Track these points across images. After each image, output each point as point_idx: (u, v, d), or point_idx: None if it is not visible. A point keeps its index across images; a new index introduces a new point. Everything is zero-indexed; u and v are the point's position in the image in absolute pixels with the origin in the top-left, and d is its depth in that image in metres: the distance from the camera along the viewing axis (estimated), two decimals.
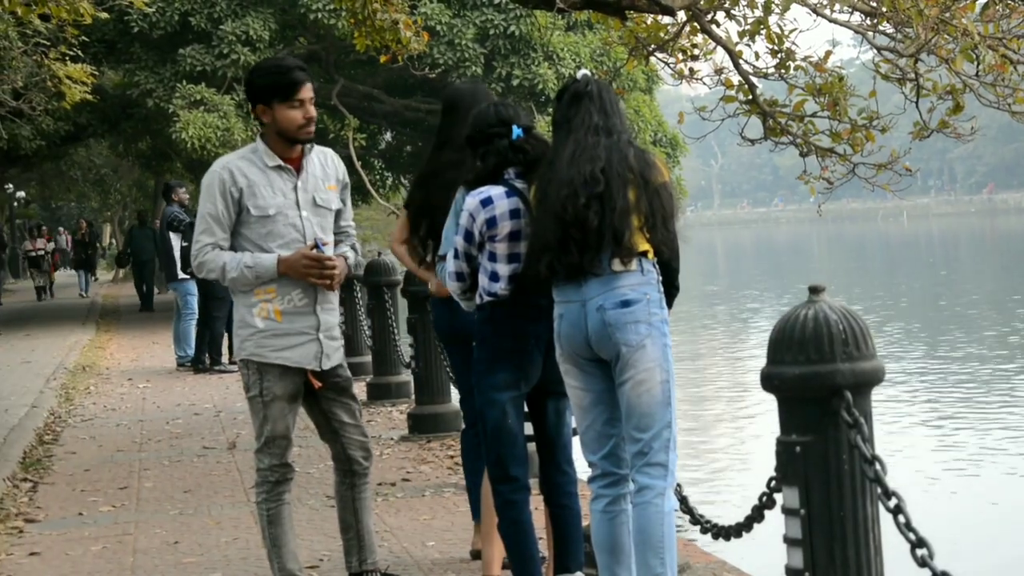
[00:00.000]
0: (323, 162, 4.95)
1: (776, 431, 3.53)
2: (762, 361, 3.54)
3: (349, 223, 5.04)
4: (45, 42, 14.15)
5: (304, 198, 4.85)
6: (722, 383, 17.83)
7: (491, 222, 4.48)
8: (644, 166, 4.24)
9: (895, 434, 12.40)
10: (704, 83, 8.79)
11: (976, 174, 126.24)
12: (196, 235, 4.82)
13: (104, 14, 13.04)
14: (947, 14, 7.00)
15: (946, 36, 7.15)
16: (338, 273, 4.84)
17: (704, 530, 4.44)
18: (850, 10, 7.71)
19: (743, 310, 29.33)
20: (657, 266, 4.27)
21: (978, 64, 7.21)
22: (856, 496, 3.39)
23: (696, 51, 8.48)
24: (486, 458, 4.64)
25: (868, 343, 3.42)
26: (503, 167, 4.57)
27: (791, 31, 7.84)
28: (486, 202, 4.50)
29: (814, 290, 3.50)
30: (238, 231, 4.82)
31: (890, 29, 7.69)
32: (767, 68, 8.06)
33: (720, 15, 7.98)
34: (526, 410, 4.68)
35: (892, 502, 3.26)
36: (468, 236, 4.53)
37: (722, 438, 13.47)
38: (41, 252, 32.65)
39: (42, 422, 10.71)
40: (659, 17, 8.33)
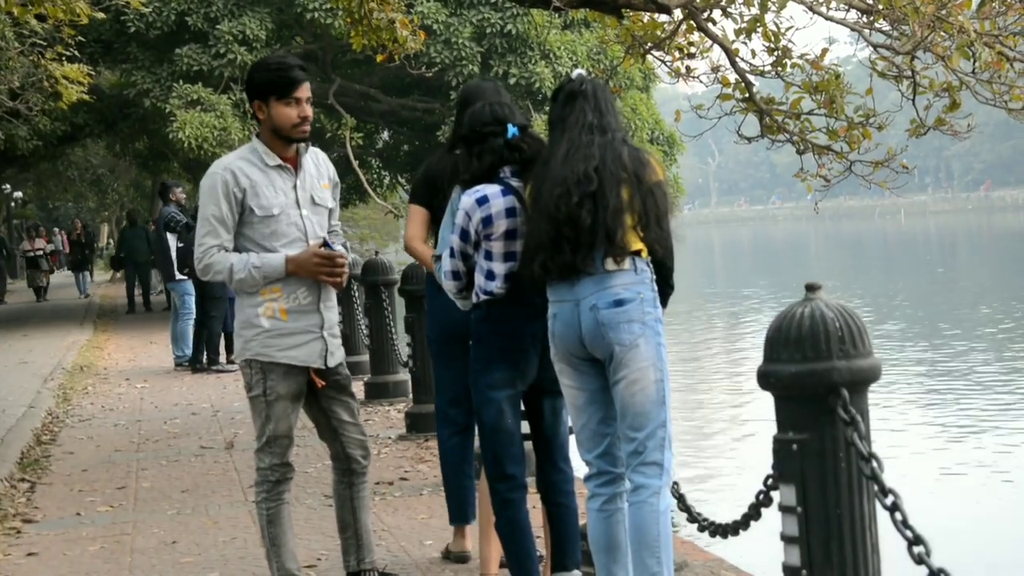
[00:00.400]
0: (316, 162, 4.98)
1: (773, 429, 3.53)
2: (759, 359, 3.54)
3: (337, 222, 5.07)
4: (41, 42, 14.14)
5: (303, 197, 4.86)
6: (719, 381, 17.83)
7: (487, 220, 4.48)
8: (638, 165, 4.24)
9: (892, 432, 12.40)
10: (701, 81, 8.81)
11: (973, 171, 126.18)
12: (199, 237, 4.79)
13: (100, 14, 13.05)
14: (943, 11, 7.01)
15: (942, 33, 7.16)
16: (347, 270, 4.86)
17: (702, 528, 4.44)
18: (846, 7, 7.72)
19: (740, 308, 29.33)
20: (651, 265, 4.27)
21: (974, 61, 7.22)
22: (853, 493, 3.38)
23: (693, 49, 8.49)
24: (483, 456, 4.65)
25: (865, 340, 3.41)
26: (499, 166, 4.56)
27: (787, 29, 7.85)
28: (482, 200, 4.50)
29: (811, 288, 3.50)
30: (240, 231, 4.81)
31: (886, 26, 7.71)
32: (764, 66, 8.07)
33: (716, 13, 7.99)
34: (523, 408, 4.69)
35: (889, 499, 3.25)
36: (464, 235, 4.53)
37: (719, 436, 13.47)
38: (40, 252, 32.61)
39: (40, 422, 10.70)
40: (655, 15, 8.35)
